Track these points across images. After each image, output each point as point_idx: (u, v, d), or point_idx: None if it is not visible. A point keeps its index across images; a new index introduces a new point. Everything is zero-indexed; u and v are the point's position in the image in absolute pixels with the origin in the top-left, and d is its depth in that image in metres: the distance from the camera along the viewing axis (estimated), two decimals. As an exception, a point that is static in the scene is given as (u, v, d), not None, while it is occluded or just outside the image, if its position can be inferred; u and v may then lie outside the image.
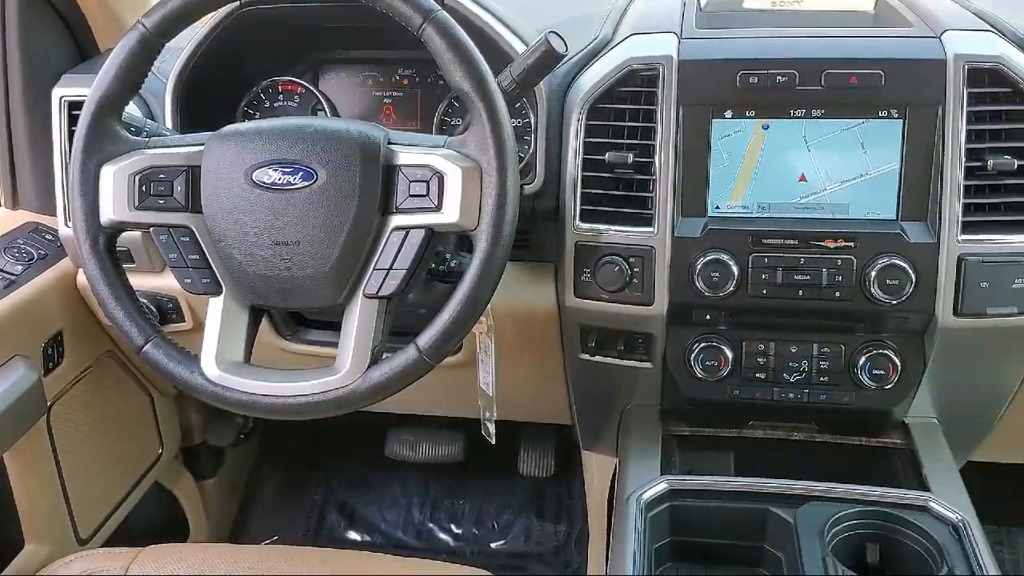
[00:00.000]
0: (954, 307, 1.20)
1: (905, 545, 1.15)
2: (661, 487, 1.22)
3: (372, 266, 1.04)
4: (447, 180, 1.02)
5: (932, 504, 1.16)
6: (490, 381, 1.35)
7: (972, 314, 1.20)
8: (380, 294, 1.04)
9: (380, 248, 1.04)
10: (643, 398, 1.44)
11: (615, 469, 1.39)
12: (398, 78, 1.53)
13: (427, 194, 1.02)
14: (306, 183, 1.04)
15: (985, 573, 1.06)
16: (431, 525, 2.25)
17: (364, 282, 1.05)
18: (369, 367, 1.04)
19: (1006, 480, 1.97)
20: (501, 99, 1.03)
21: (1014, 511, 2.10)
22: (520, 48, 1.29)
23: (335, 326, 1.08)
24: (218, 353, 1.08)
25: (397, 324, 1.11)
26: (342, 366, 1.05)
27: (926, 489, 1.21)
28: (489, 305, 1.29)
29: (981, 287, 1.19)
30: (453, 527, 2.23)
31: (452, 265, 1.23)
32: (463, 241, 1.25)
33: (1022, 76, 1.18)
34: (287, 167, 1.04)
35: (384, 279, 1.04)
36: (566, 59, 1.32)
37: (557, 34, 1.14)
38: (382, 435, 2.21)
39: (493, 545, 2.19)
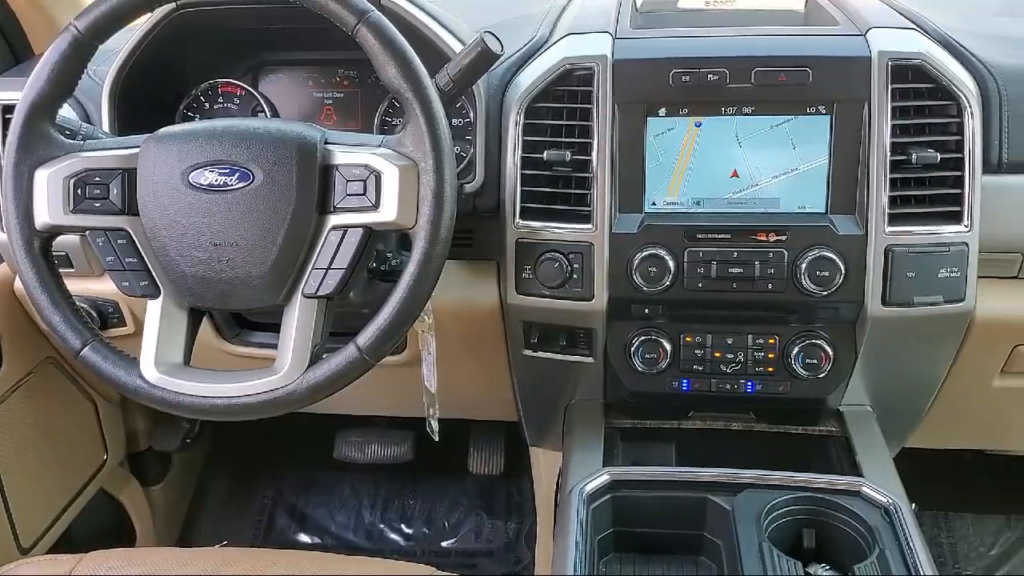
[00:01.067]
0: (882, 297, 1.24)
1: (839, 529, 1.18)
2: (603, 479, 1.24)
3: (311, 266, 1.05)
4: (384, 179, 1.03)
5: (864, 489, 1.20)
6: (432, 379, 1.36)
7: (900, 303, 1.24)
8: (319, 294, 1.05)
9: (318, 248, 1.05)
10: (587, 392, 1.46)
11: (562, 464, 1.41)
12: (338, 79, 1.53)
13: (364, 193, 1.03)
14: (243, 184, 1.04)
15: (914, 553, 1.09)
16: (382, 526, 2.25)
17: (303, 282, 1.05)
18: (309, 367, 1.05)
19: (943, 466, 2.03)
20: (437, 98, 1.04)
21: (952, 496, 2.16)
22: (457, 48, 1.30)
23: (279, 328, 1.08)
24: (157, 355, 1.08)
25: (340, 325, 1.12)
26: (281, 366, 1.05)
27: (859, 475, 1.25)
28: (430, 303, 1.30)
29: (908, 277, 1.23)
30: (404, 527, 2.24)
31: (393, 264, 1.24)
32: (405, 240, 1.26)
33: (943, 72, 1.21)
34: (224, 168, 1.05)
35: (323, 279, 1.05)
36: (503, 59, 1.34)
37: (492, 34, 1.16)
38: (331, 437, 2.21)
39: (444, 544, 2.20)
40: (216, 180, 1.05)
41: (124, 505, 2.01)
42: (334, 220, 1.05)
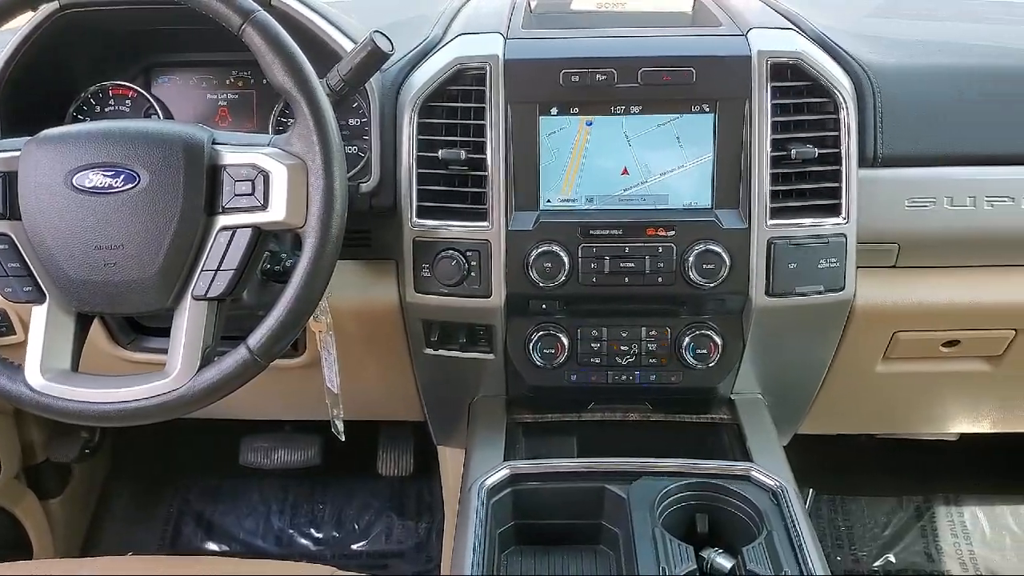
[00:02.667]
0: (766, 287, 1.29)
1: (730, 513, 1.22)
2: (503, 473, 1.25)
3: (200, 268, 1.04)
4: (272, 178, 1.03)
5: (754, 473, 1.24)
6: (334, 379, 1.36)
7: (782, 293, 1.29)
8: (209, 296, 1.04)
9: (207, 249, 1.04)
10: (489, 389, 1.47)
11: (467, 461, 1.42)
12: (233, 80, 1.51)
13: (253, 193, 1.03)
14: (129, 186, 1.03)
15: (800, 533, 1.13)
16: (291, 531, 2.23)
17: (192, 284, 1.05)
18: (199, 370, 1.04)
19: (839, 452, 2.12)
20: (324, 96, 1.05)
21: (848, 481, 2.25)
22: (349, 47, 1.30)
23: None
24: (43, 362, 1.06)
25: (236, 327, 1.11)
26: (171, 370, 1.04)
27: (749, 460, 1.29)
28: (327, 303, 1.31)
29: (790, 268, 1.28)
30: (313, 531, 2.23)
31: (288, 265, 1.23)
32: (299, 240, 1.25)
33: (820, 71, 1.27)
34: (108, 170, 1.03)
35: (212, 280, 1.04)
36: (397, 59, 1.35)
37: (382, 33, 1.17)
38: (236, 443, 2.18)
39: (354, 546, 2.20)
40: (101, 182, 1.03)
41: (20, 520, 1.95)
42: (223, 221, 1.04)
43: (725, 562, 1.15)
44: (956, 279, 1.38)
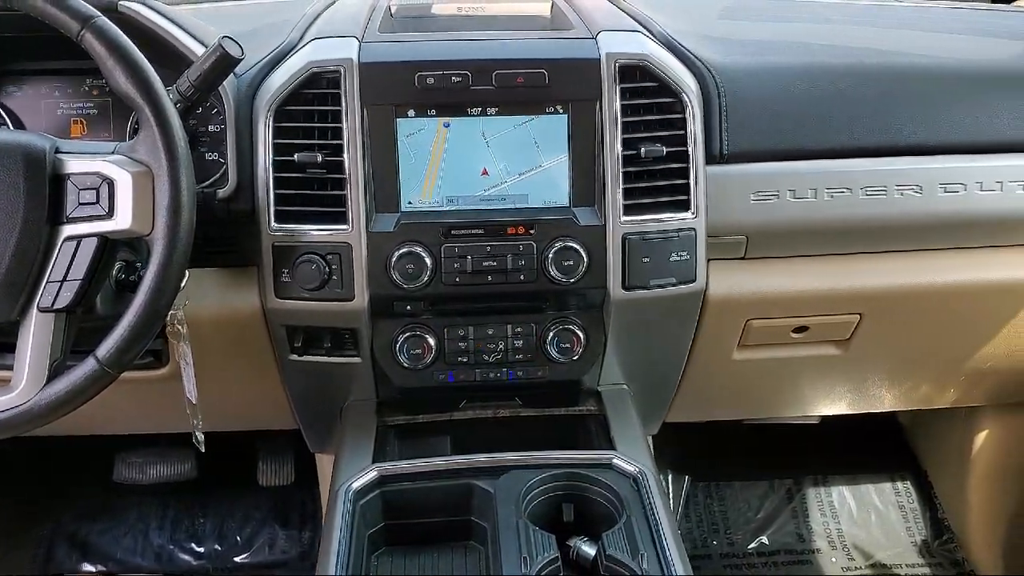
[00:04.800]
0: (622, 282, 1.33)
1: (594, 501, 1.25)
2: (371, 475, 1.26)
3: (45, 279, 1.02)
4: (117, 186, 1.01)
5: (616, 461, 1.28)
6: (192, 389, 1.34)
7: (638, 287, 1.33)
8: (56, 307, 1.02)
9: (52, 260, 1.02)
10: (359, 393, 1.47)
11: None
12: (87, 88, 1.47)
13: (98, 201, 1.01)
14: (-35, 197, 1.00)
15: (657, 516, 1.18)
16: (171, 547, 2.18)
17: (38, 296, 1.02)
18: (47, 383, 1.02)
19: (712, 440, 2.19)
20: (168, 102, 1.03)
21: (722, 467, 2.33)
22: (201, 53, 1.29)
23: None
24: None
25: (89, 340, 1.09)
26: (17, 384, 1.01)
27: (613, 449, 1.33)
28: (183, 312, 1.29)
29: (643, 262, 1.32)
30: (194, 546, 2.18)
31: (142, 274, 1.21)
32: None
33: (666, 72, 1.32)
34: (-56, 182, 1.00)
35: (58, 291, 1.02)
36: (254, 63, 1.34)
37: (231, 38, 1.16)
38: (110, 460, 2.12)
39: (237, 559, 2.16)
40: (-65, 194, 1.00)
41: None
42: (68, 230, 1.02)
43: (589, 549, 1.19)
44: (802, 268, 1.45)
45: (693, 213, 1.33)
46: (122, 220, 1.01)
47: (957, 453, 2.10)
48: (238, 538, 2.19)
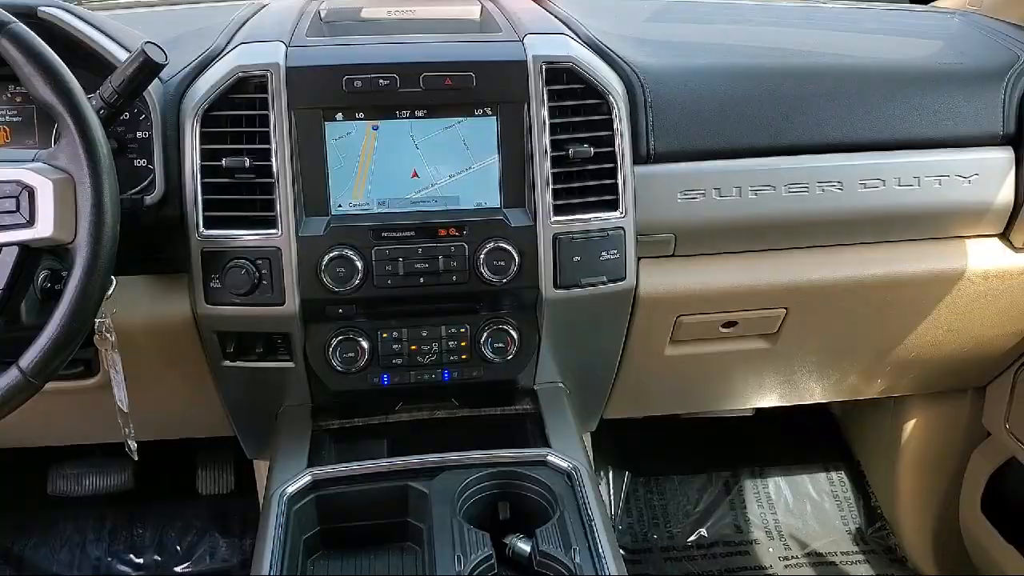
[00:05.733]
0: (554, 281, 1.34)
1: (528, 498, 1.27)
2: (305, 480, 1.26)
3: (-35, 289, 1.00)
4: (38, 194, 1.00)
5: (550, 458, 1.29)
6: (123, 398, 1.33)
7: (569, 285, 1.35)
8: (-25, 317, 1.00)
9: (-28, 270, 1.00)
10: (294, 397, 1.47)
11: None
12: (10, 96, 1.45)
13: (17, 210, 1.00)
14: None
15: (590, 510, 1.19)
16: (109, 559, 2.14)
17: (-43, 307, 1.00)
18: (-32, 394, 1.00)
19: (649, 436, 2.22)
20: (89, 108, 1.03)
21: (661, 462, 2.36)
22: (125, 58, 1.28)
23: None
24: None
25: (14, 351, 1.07)
26: (-64, 397, 0.99)
27: (547, 446, 1.35)
28: (111, 320, 1.27)
29: (574, 261, 1.34)
30: (133, 557, 2.15)
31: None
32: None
33: (591, 74, 1.33)
34: None
35: (-22, 302, 1.00)
36: (180, 69, 1.33)
37: (155, 43, 1.15)
38: (43, 473, 2.08)
39: (178, 569, 2.14)
40: None
41: None
42: (-13, 240, 1.01)
43: (525, 546, 1.20)
44: (730, 264, 1.48)
45: (622, 212, 1.35)
46: (43, 228, 1.00)
47: (887, 442, 2.16)
48: (178, 547, 2.16)
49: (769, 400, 1.80)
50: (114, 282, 1.23)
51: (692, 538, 2.22)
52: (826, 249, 1.50)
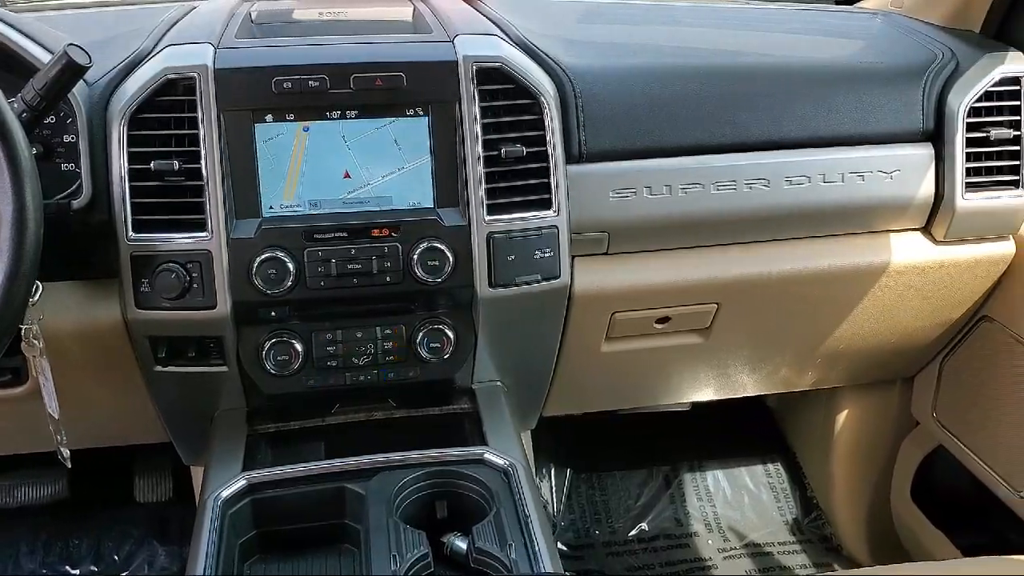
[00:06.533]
0: (489, 280, 1.35)
1: (466, 496, 1.27)
2: (240, 484, 1.25)
3: None
4: (-44, 200, 0.98)
5: (487, 456, 1.30)
6: (54, 405, 1.31)
7: (504, 284, 1.36)
8: None
9: None
10: (229, 402, 1.46)
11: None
12: None
13: (-65, 216, 0.98)
14: None
15: (526, 507, 1.20)
16: (44, 571, 2.10)
17: None
18: None
19: (590, 433, 2.25)
20: (9, 111, 1.01)
21: (602, 458, 2.39)
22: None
23: None
24: None
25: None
26: None
27: (485, 444, 1.35)
28: (37, 326, 1.25)
29: (509, 260, 1.35)
30: (69, 569, 2.10)
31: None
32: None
33: (522, 74, 1.35)
34: None
35: None
36: (106, 71, 1.32)
37: (78, 46, 1.14)
38: (-28, 485, 2.04)
39: (116, 579, 2.10)
40: None
41: None
42: (-97, 247, 0.98)
43: (462, 544, 1.21)
44: (662, 261, 1.50)
45: (555, 211, 1.36)
46: (-37, 234, 0.98)
47: (821, 433, 2.21)
48: (116, 557, 2.13)
49: (704, 394, 1.84)
50: (40, 288, 1.21)
51: (633, 532, 2.25)
52: (755, 245, 1.54)
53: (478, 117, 1.32)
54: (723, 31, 1.77)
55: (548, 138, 1.35)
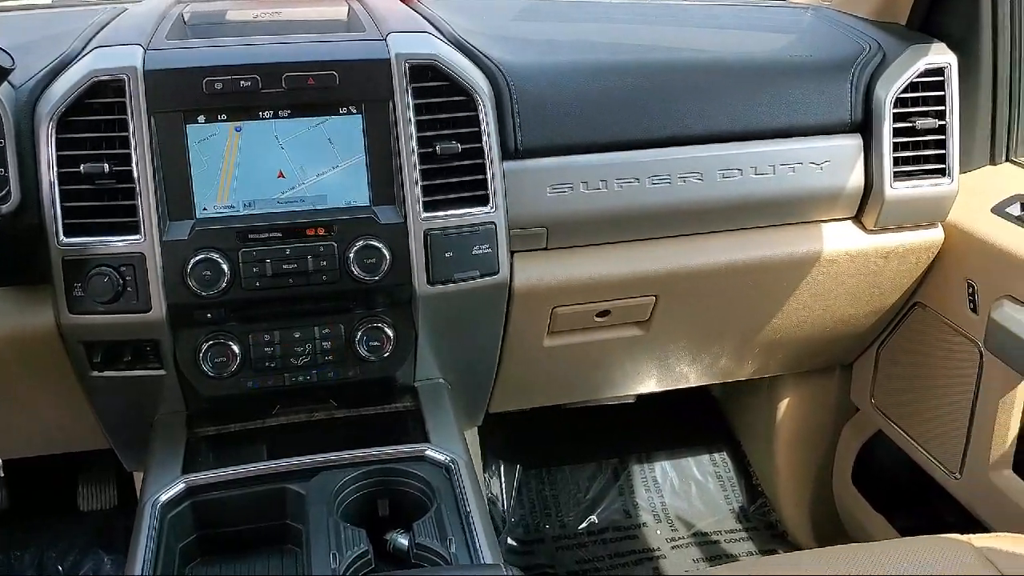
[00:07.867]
0: (427, 277, 1.36)
1: (408, 493, 1.27)
2: (179, 487, 1.24)
3: None
4: None
5: (429, 452, 1.30)
6: (-16, 413, 1.29)
7: (443, 281, 1.37)
8: None
9: None
10: (168, 406, 1.44)
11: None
12: None
13: None
14: None
15: (467, 502, 1.21)
16: (-15, 585, 2.06)
17: None
18: None
19: (539, 428, 2.26)
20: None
21: (552, 453, 2.40)
22: (-26, 65, 1.24)
23: None
24: None
25: None
26: None
27: (427, 441, 1.36)
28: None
29: (446, 257, 1.36)
30: (12, 581, 2.07)
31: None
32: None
33: (456, 71, 1.35)
34: None
35: None
36: (33, 74, 1.30)
37: (1, 48, 1.12)
38: (-91, 499, 1.99)
39: (60, 590, 2.07)
40: None
41: None
42: None
43: (404, 540, 1.21)
44: (601, 255, 1.52)
45: (492, 207, 1.37)
46: None
47: (764, 422, 2.24)
48: (60, 567, 2.09)
49: (647, 386, 1.86)
50: (-33, 295, 1.19)
51: (583, 525, 2.27)
52: (691, 237, 1.56)
53: (412, 115, 1.33)
54: (657, 27, 1.80)
55: (483, 134, 1.36)
